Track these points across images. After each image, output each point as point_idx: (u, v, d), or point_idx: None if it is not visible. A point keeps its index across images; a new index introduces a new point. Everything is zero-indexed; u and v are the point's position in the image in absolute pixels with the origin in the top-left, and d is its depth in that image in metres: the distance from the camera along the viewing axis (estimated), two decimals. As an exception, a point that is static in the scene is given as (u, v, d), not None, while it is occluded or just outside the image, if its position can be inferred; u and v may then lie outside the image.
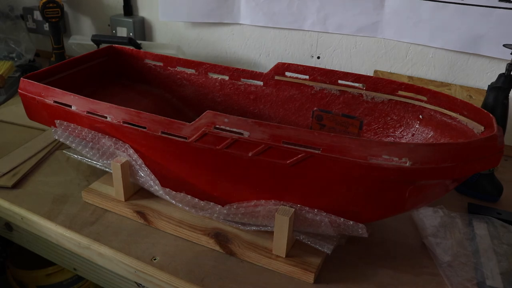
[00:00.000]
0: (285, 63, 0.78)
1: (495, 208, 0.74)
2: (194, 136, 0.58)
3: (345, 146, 0.50)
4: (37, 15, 1.37)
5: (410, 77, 0.99)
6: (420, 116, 0.69)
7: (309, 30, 1.07)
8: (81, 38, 1.27)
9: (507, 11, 0.85)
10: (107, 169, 0.73)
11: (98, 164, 0.74)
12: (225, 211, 0.62)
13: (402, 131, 0.71)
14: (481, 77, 0.93)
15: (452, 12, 0.90)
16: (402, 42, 0.98)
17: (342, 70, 0.92)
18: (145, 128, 0.61)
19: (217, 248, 0.63)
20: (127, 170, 0.68)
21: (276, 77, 0.79)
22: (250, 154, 0.55)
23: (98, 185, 0.74)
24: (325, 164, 0.52)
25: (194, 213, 0.66)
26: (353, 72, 0.79)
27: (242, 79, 0.82)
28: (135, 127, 0.62)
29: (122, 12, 1.27)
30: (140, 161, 0.67)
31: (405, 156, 0.49)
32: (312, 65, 1.00)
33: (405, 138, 0.71)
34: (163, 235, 0.66)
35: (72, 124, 0.70)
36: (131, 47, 0.94)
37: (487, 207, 0.74)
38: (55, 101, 0.68)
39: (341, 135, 0.51)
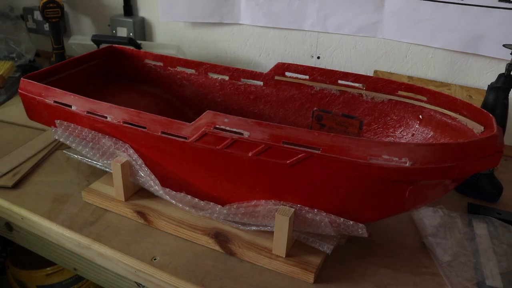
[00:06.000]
0: (285, 63, 0.78)
1: (495, 208, 0.74)
2: (194, 136, 0.58)
3: (345, 146, 0.50)
4: (37, 15, 1.37)
5: (410, 77, 0.99)
6: (420, 116, 0.69)
7: (309, 30, 1.07)
8: (81, 38, 1.27)
9: (507, 11, 0.85)
10: (107, 169, 0.73)
11: (98, 164, 0.74)
12: (225, 211, 0.62)
13: (402, 131, 0.71)
14: (481, 77, 0.93)
15: (452, 12, 0.90)
16: (402, 42, 0.98)
17: (342, 70, 0.92)
18: (145, 128, 0.61)
19: (217, 248, 0.63)
20: (127, 170, 0.68)
21: (276, 77, 0.79)
22: (250, 154, 0.55)
23: (98, 185, 0.74)
24: (325, 164, 0.52)
25: (194, 213, 0.66)
26: (353, 72, 0.79)
27: (242, 79, 0.82)
28: (135, 127, 0.62)
29: (122, 12, 1.27)
30: (140, 161, 0.67)
31: (405, 156, 0.49)
32: (312, 65, 1.00)
33: (405, 138, 0.71)
34: (163, 235, 0.66)
35: (72, 124, 0.70)
36: (131, 47, 0.94)
37: (487, 207, 0.74)
38: (55, 101, 0.68)
39: (341, 135, 0.51)
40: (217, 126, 0.56)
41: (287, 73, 0.78)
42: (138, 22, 1.26)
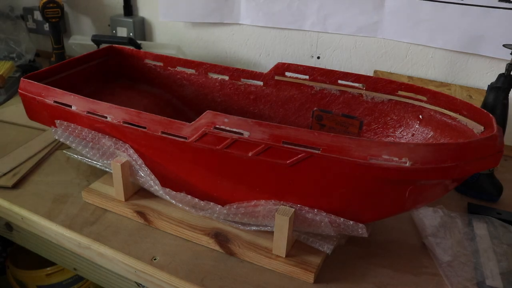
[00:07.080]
0: (285, 63, 0.78)
1: (495, 208, 0.74)
2: (194, 136, 0.58)
3: (345, 146, 0.50)
4: (37, 15, 1.37)
5: (410, 77, 0.99)
6: (420, 116, 0.69)
7: (309, 30, 1.07)
8: (81, 38, 1.27)
9: (507, 11, 0.85)
10: (107, 169, 0.73)
11: (98, 164, 0.74)
12: (225, 211, 0.62)
13: (402, 131, 0.71)
14: (481, 77, 0.93)
15: (452, 12, 0.90)
16: (402, 42, 0.98)
17: (342, 70, 0.92)
18: (145, 128, 0.61)
19: (217, 248, 0.63)
20: (127, 170, 0.68)
21: (276, 77, 0.79)
22: (250, 154, 0.55)
23: (98, 185, 0.74)
24: (325, 164, 0.52)
25: (194, 213, 0.66)
26: (353, 72, 0.79)
27: (242, 79, 0.82)
28: (135, 127, 0.62)
29: (122, 12, 1.27)
30: (140, 161, 0.67)
31: (405, 156, 0.49)
32: (312, 65, 1.00)
33: (405, 138, 0.71)
34: (163, 235, 0.66)
35: (72, 124, 0.70)
36: (131, 47, 0.94)
37: (487, 207, 0.74)
38: (55, 101, 0.68)
39: (341, 135, 0.51)
40: (217, 126, 0.56)
41: (287, 73, 0.78)
42: (138, 22, 1.26)
